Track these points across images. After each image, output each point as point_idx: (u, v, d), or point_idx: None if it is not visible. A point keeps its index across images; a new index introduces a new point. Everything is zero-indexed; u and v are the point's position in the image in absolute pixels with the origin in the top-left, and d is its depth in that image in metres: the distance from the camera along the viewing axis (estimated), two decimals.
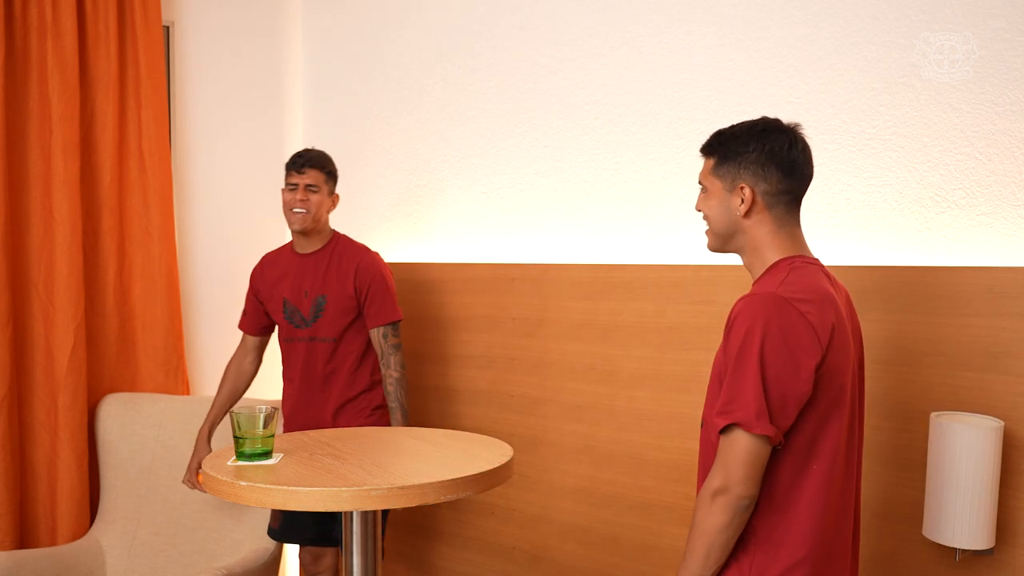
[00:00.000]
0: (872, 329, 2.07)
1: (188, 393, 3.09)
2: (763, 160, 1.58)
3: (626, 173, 2.56)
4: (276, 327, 2.76)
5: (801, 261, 1.57)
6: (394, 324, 2.61)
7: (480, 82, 2.93)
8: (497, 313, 2.81)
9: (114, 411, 2.88)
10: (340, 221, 3.40)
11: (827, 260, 2.17)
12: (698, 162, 2.39)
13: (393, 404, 2.59)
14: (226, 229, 3.32)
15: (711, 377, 1.60)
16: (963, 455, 1.82)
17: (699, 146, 2.38)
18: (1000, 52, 1.94)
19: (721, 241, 1.65)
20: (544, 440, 2.72)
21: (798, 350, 1.45)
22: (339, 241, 2.69)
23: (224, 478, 1.60)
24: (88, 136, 2.89)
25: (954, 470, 1.84)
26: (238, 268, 3.35)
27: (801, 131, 1.62)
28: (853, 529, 1.59)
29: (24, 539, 2.78)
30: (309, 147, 2.70)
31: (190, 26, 3.20)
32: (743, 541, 1.49)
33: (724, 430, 1.46)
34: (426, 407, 3.01)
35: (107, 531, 2.79)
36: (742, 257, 1.65)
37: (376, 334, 2.61)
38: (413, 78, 3.14)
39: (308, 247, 2.65)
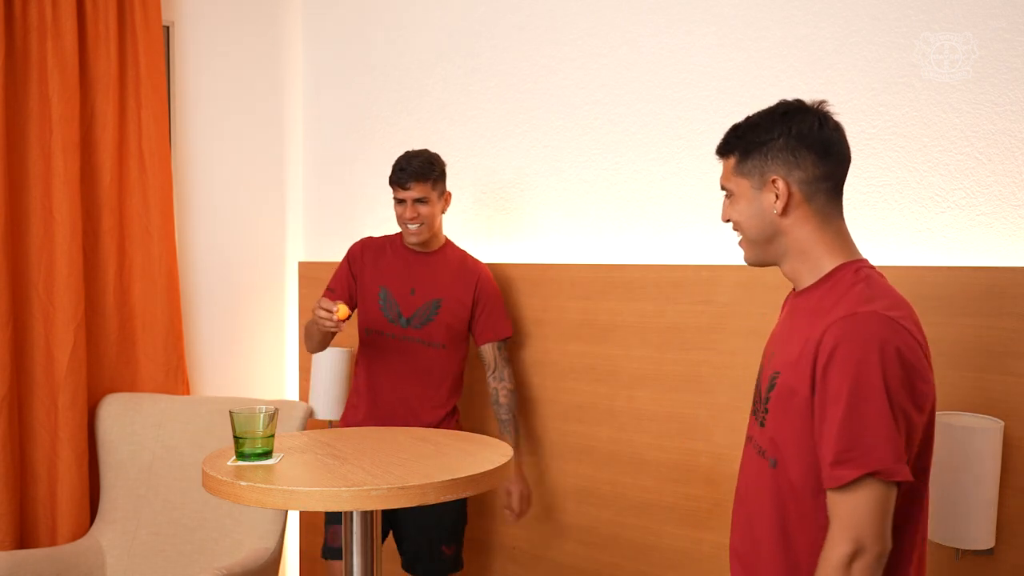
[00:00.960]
0: None
1: (188, 393, 3.09)
2: (792, 145, 1.38)
3: (626, 173, 2.56)
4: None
5: (866, 267, 1.39)
6: (508, 339, 2.64)
7: (480, 82, 2.93)
8: None
9: (114, 411, 2.88)
10: (340, 221, 3.40)
11: None
12: (698, 161, 2.41)
13: (506, 416, 2.60)
14: (226, 229, 3.32)
15: (780, 405, 1.37)
16: (963, 455, 1.82)
17: (702, 147, 2.39)
18: (1000, 52, 1.94)
19: (759, 250, 1.45)
20: (544, 440, 2.72)
21: (917, 377, 1.27)
22: (453, 247, 2.65)
23: (224, 478, 1.60)
24: (88, 136, 2.89)
25: (954, 470, 1.84)
26: (238, 268, 3.35)
27: (829, 108, 1.43)
28: None
29: (24, 539, 2.78)
30: (412, 152, 2.53)
31: (190, 26, 3.20)
32: None
33: (848, 483, 1.24)
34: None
35: (107, 531, 2.79)
36: (783, 264, 1.45)
37: (491, 348, 2.60)
38: (413, 78, 3.14)
39: (424, 247, 2.58)
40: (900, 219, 2.08)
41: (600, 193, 2.62)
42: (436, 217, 2.54)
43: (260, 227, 3.44)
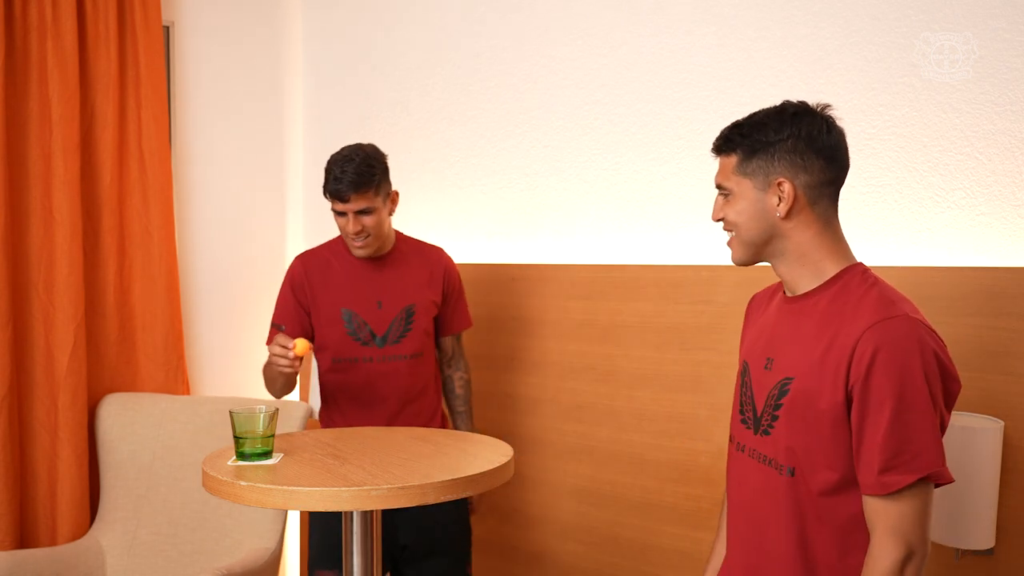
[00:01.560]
0: None
1: (188, 393, 3.09)
2: (800, 148, 1.36)
3: (626, 173, 2.56)
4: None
5: (869, 271, 1.39)
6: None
7: (480, 82, 2.93)
8: (497, 313, 2.81)
9: (114, 411, 2.88)
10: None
11: None
12: (698, 161, 2.41)
13: (463, 408, 2.48)
14: (226, 229, 3.32)
15: (799, 412, 1.34)
16: (963, 455, 1.82)
17: (702, 147, 2.39)
18: (1000, 52, 1.94)
19: (753, 250, 1.43)
20: (544, 440, 2.71)
21: (949, 378, 1.29)
22: (406, 241, 2.38)
23: (224, 478, 1.60)
24: (88, 136, 2.89)
25: (954, 470, 1.83)
26: (238, 268, 3.35)
27: (833, 112, 1.42)
28: None
29: (24, 539, 2.78)
30: (344, 153, 2.19)
31: (190, 26, 3.20)
32: None
33: (904, 488, 1.24)
34: None
35: (107, 531, 2.79)
36: (778, 265, 1.44)
37: (452, 339, 2.45)
38: (413, 78, 3.14)
39: (374, 253, 2.29)
40: (900, 219, 2.08)
41: (600, 193, 2.62)
42: (384, 224, 2.25)
43: (260, 227, 3.44)
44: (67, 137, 2.77)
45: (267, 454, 1.74)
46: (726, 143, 1.44)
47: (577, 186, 2.68)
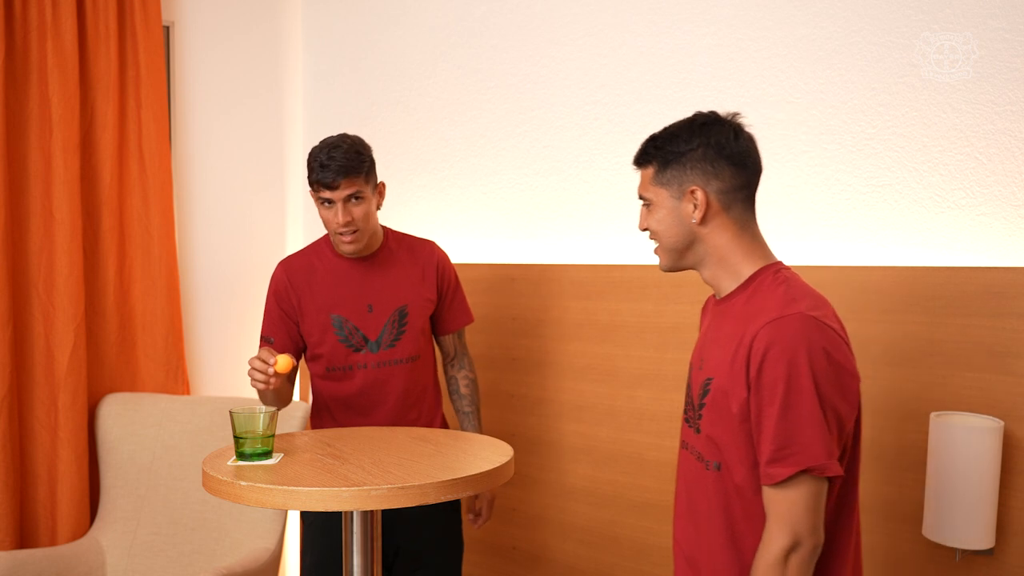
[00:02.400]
0: (872, 329, 2.07)
1: (188, 393, 3.09)
2: (710, 156, 1.42)
3: (626, 173, 2.56)
4: (303, 355, 2.25)
5: (784, 269, 1.45)
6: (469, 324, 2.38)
7: (480, 82, 2.93)
8: (497, 313, 2.81)
9: (114, 411, 2.88)
10: None
11: (827, 260, 2.17)
12: None
13: (469, 409, 2.33)
14: (226, 229, 3.32)
15: (716, 410, 1.40)
16: (963, 455, 1.82)
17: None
18: (1000, 52, 1.94)
19: (676, 256, 1.49)
20: (544, 440, 2.72)
21: (844, 373, 1.33)
22: (395, 237, 2.26)
23: (224, 478, 1.60)
24: (88, 136, 2.89)
25: (954, 470, 1.84)
26: (238, 268, 3.35)
27: (742, 120, 1.48)
28: None
29: (24, 539, 2.78)
30: (329, 141, 2.09)
31: (190, 26, 3.20)
32: None
33: (785, 480, 1.29)
34: None
35: (107, 531, 2.79)
36: (703, 271, 1.50)
37: (452, 337, 2.32)
38: (413, 78, 3.14)
39: (363, 250, 2.18)
40: (900, 219, 2.09)
41: (600, 193, 2.62)
42: (372, 217, 2.13)
43: (260, 227, 3.44)
44: (67, 137, 2.77)
45: (267, 454, 1.74)
46: (643, 156, 1.50)
47: (577, 186, 2.68)
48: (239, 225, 3.36)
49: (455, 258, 2.99)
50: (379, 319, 2.17)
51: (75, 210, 2.79)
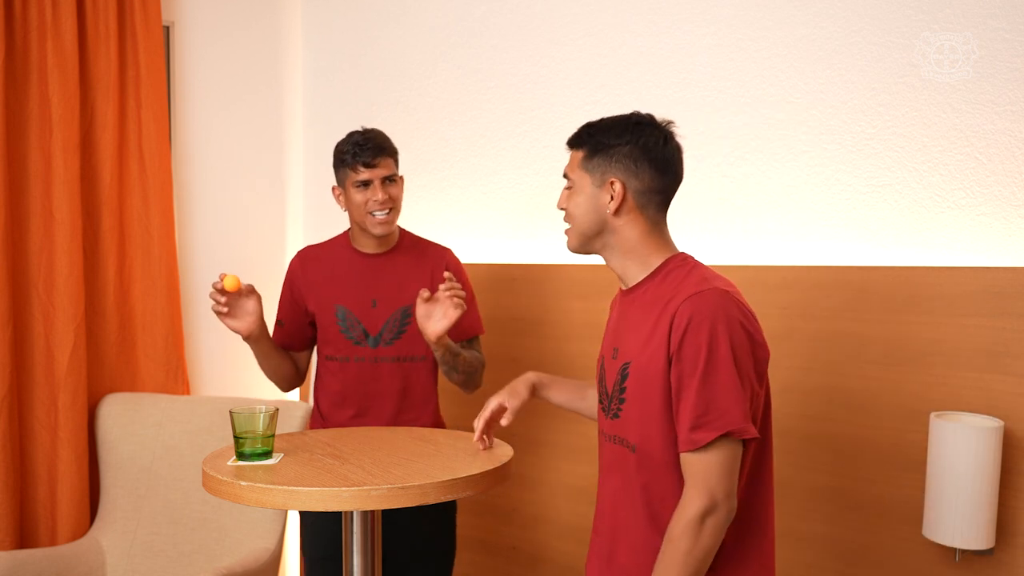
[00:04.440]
0: (872, 329, 2.07)
1: (188, 393, 3.09)
2: (636, 155, 1.49)
3: None
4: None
5: (691, 258, 1.53)
6: (479, 336, 2.34)
7: (480, 82, 2.93)
8: (497, 313, 2.81)
9: (114, 411, 2.88)
10: (340, 223, 3.40)
11: (827, 260, 2.18)
12: (697, 162, 2.41)
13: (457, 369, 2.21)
14: (226, 229, 3.32)
15: (637, 390, 1.45)
16: (963, 455, 1.82)
17: (702, 147, 2.39)
18: (1000, 52, 1.94)
19: (584, 240, 1.56)
20: (544, 440, 2.71)
21: (756, 345, 1.41)
22: (409, 237, 2.30)
23: (224, 478, 1.60)
24: (88, 136, 2.89)
25: (954, 470, 1.84)
26: (238, 268, 3.35)
27: (675, 129, 1.55)
28: None
29: (24, 539, 2.78)
30: (359, 131, 2.19)
31: (190, 26, 3.20)
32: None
33: (706, 444, 1.35)
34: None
35: (107, 531, 2.79)
36: (608, 258, 1.56)
37: (462, 346, 2.27)
38: (413, 78, 3.14)
39: (378, 246, 2.23)
40: (900, 219, 2.09)
41: None
42: (401, 201, 2.21)
43: (260, 227, 3.44)
44: (67, 137, 2.77)
45: (267, 454, 1.74)
46: (577, 139, 1.57)
47: None
48: (239, 225, 3.36)
49: None
50: (382, 315, 2.20)
51: (75, 210, 2.79)
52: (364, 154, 2.12)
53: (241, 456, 1.73)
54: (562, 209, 1.60)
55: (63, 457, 2.78)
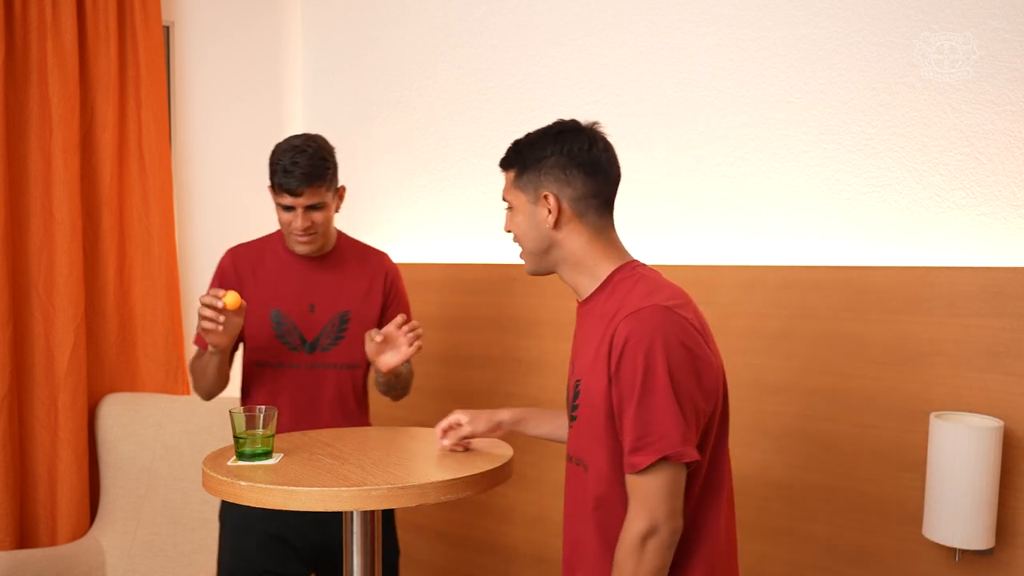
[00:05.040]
0: (872, 329, 2.07)
1: (188, 393, 3.09)
2: (563, 163, 1.47)
3: (625, 173, 2.55)
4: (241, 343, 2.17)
5: (640, 266, 1.50)
6: None
7: (480, 82, 2.93)
8: (497, 313, 2.81)
9: (114, 411, 2.88)
10: (341, 222, 3.40)
11: (827, 260, 2.17)
12: (697, 162, 2.41)
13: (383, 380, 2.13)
14: (226, 228, 3.32)
15: (585, 408, 1.43)
16: (963, 455, 1.82)
17: (702, 147, 2.39)
18: (1000, 52, 1.94)
19: (537, 260, 1.53)
20: (544, 440, 2.71)
21: (699, 361, 1.37)
22: (348, 241, 2.25)
23: (224, 478, 1.60)
24: (88, 136, 2.89)
25: (954, 470, 1.84)
26: None
27: (601, 129, 1.53)
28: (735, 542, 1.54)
29: (24, 539, 2.78)
30: (294, 142, 2.05)
31: (190, 26, 3.20)
32: None
33: (646, 467, 1.33)
34: (426, 407, 3.00)
35: (107, 531, 2.79)
36: (561, 274, 1.54)
37: None
38: (413, 78, 3.14)
39: (316, 251, 2.16)
40: (900, 219, 2.09)
41: None
42: (331, 220, 2.12)
43: (260, 227, 3.42)
44: (67, 137, 2.77)
45: (267, 454, 1.74)
46: (506, 160, 1.54)
47: None
48: (239, 225, 3.36)
49: (455, 258, 2.99)
50: (319, 320, 2.12)
51: (75, 210, 2.79)
52: (288, 181, 2.00)
53: (241, 456, 1.73)
54: (508, 232, 1.56)
55: (63, 457, 2.78)
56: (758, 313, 2.25)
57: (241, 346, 2.18)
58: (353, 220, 3.30)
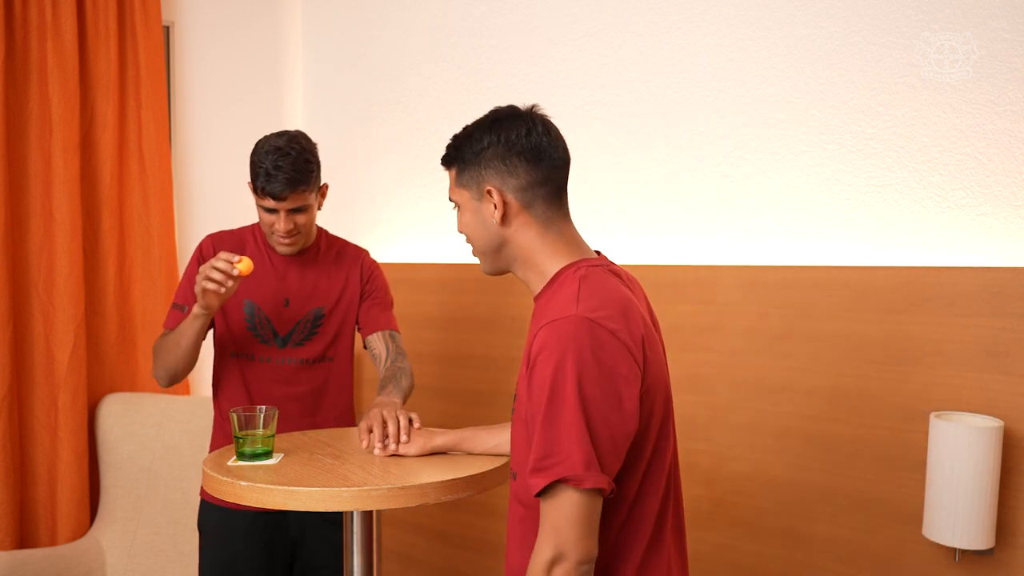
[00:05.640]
0: (872, 329, 2.07)
1: (188, 393, 3.09)
2: (502, 153, 1.36)
3: (625, 173, 2.56)
4: (212, 331, 2.13)
5: (587, 266, 1.35)
6: (397, 332, 2.22)
7: (480, 82, 2.93)
8: (497, 313, 2.81)
9: (114, 411, 2.88)
10: (341, 222, 3.40)
11: (827, 260, 2.17)
12: (697, 162, 2.41)
13: (385, 378, 2.08)
14: (226, 229, 3.32)
15: (514, 420, 1.33)
16: (963, 455, 1.82)
17: (702, 147, 2.39)
18: (1000, 52, 1.94)
19: (491, 260, 1.42)
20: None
21: (618, 379, 1.22)
22: (326, 237, 2.23)
23: (224, 478, 1.60)
24: (88, 136, 2.89)
25: (954, 470, 1.84)
26: None
27: (541, 111, 1.43)
28: (682, 558, 1.42)
29: (24, 539, 2.78)
30: (277, 143, 1.98)
31: (190, 26, 3.20)
32: None
33: (545, 490, 1.21)
34: (426, 407, 3.01)
35: (107, 531, 2.79)
36: (516, 272, 1.42)
37: (383, 336, 2.18)
38: (413, 78, 3.14)
39: (296, 251, 2.14)
40: (900, 219, 2.09)
41: (599, 193, 2.62)
42: (314, 221, 2.11)
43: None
44: (67, 137, 2.77)
45: (267, 454, 1.74)
46: (446, 158, 1.44)
47: (576, 186, 2.67)
48: (239, 225, 3.36)
49: (455, 258, 2.99)
50: (293, 316, 2.10)
51: (75, 210, 2.79)
52: (273, 186, 1.95)
53: (241, 456, 1.73)
54: (461, 233, 1.46)
55: (63, 457, 2.78)
56: (758, 313, 2.25)
57: (210, 334, 2.14)
58: (353, 220, 3.30)
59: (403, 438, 1.74)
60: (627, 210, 2.56)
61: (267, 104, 3.44)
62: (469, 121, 2.87)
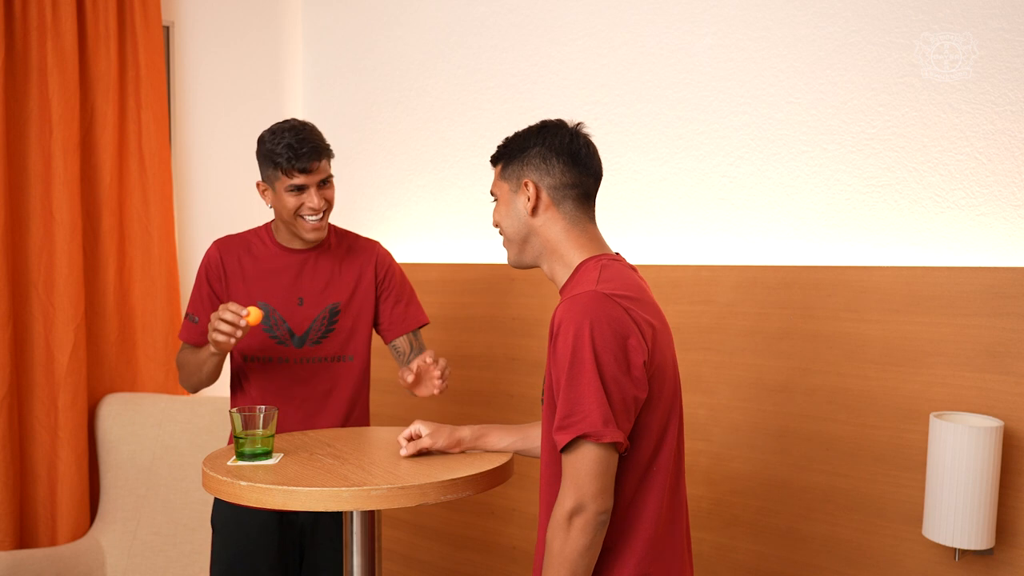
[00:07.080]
0: (872, 329, 2.07)
1: (188, 393, 3.09)
2: (544, 154, 1.54)
3: (626, 173, 2.56)
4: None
5: (608, 259, 1.51)
6: (424, 326, 2.22)
7: (480, 82, 2.93)
8: (497, 313, 2.81)
9: (114, 411, 2.88)
10: (341, 222, 3.40)
11: (827, 260, 2.17)
12: (698, 161, 2.41)
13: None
14: (226, 229, 3.32)
15: (545, 398, 1.48)
16: (963, 455, 1.82)
17: (702, 147, 2.40)
18: (1000, 52, 1.94)
19: (517, 249, 1.58)
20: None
21: (628, 347, 1.38)
22: (336, 232, 2.19)
23: (224, 478, 1.60)
24: (88, 136, 2.89)
25: (954, 470, 1.84)
26: None
27: (585, 129, 1.59)
28: (687, 537, 1.54)
29: (24, 539, 2.78)
30: (290, 125, 2.01)
31: (190, 26, 3.20)
32: None
33: (568, 446, 1.36)
34: (427, 407, 3.01)
35: (107, 531, 2.79)
36: (542, 265, 1.57)
37: (405, 340, 2.17)
38: (413, 78, 3.14)
39: (306, 242, 2.10)
40: (900, 219, 2.09)
41: (600, 193, 2.62)
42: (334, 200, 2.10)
43: None
44: (67, 137, 2.77)
45: (267, 454, 1.74)
46: (495, 155, 1.62)
47: None
48: (239, 225, 3.35)
49: (455, 258, 2.99)
50: (308, 314, 2.08)
51: (75, 210, 2.79)
52: (300, 159, 1.94)
53: (241, 456, 1.73)
54: (496, 226, 1.61)
55: (63, 457, 2.78)
56: (758, 313, 2.25)
57: None
58: (353, 220, 3.30)
59: (424, 430, 1.80)
60: (628, 210, 2.56)
61: (267, 104, 3.44)
62: (469, 121, 2.89)
